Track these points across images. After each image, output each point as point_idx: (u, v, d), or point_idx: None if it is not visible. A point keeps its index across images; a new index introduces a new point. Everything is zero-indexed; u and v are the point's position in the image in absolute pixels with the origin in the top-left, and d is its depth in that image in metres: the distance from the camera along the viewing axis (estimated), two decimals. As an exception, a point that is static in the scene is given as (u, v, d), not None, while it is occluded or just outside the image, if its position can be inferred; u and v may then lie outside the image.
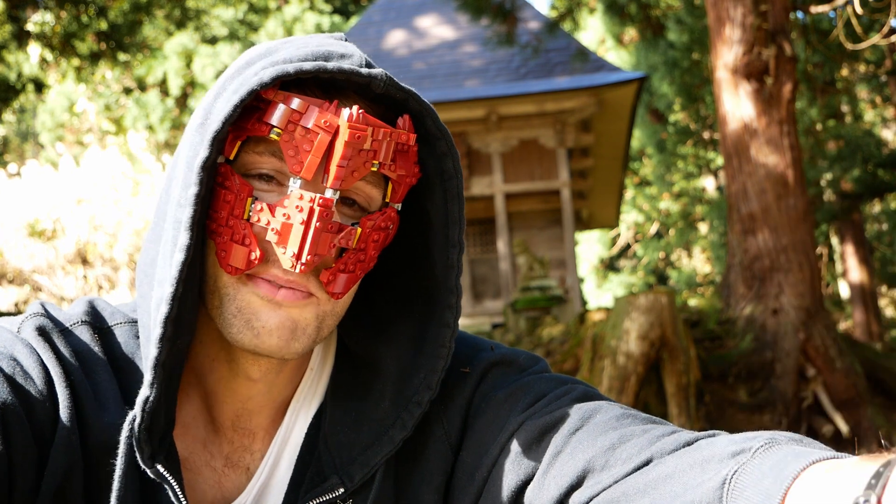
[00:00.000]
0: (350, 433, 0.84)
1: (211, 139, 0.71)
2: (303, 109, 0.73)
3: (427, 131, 0.81)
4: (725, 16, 7.40)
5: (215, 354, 0.83)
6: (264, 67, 0.74)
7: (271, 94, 0.73)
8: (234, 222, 0.74)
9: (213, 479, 0.84)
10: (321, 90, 0.77)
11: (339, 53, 0.77)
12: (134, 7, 10.01)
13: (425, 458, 0.85)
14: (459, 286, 0.84)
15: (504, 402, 0.82)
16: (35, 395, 0.72)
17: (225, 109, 0.71)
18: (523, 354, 0.90)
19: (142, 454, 0.72)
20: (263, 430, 0.86)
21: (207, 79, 17.88)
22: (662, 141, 16.80)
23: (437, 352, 0.83)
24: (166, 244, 0.74)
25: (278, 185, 0.76)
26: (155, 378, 0.71)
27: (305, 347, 0.78)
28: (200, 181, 0.71)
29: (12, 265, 7.78)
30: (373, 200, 0.80)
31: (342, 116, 0.73)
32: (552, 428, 0.75)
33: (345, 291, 0.79)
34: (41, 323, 0.78)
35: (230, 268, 0.75)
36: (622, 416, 0.73)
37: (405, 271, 0.88)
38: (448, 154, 0.81)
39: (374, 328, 0.88)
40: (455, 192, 0.82)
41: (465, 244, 0.86)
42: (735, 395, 6.66)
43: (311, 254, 0.72)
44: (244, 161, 0.76)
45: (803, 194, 7.31)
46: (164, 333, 0.70)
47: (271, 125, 0.73)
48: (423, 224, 0.85)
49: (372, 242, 0.79)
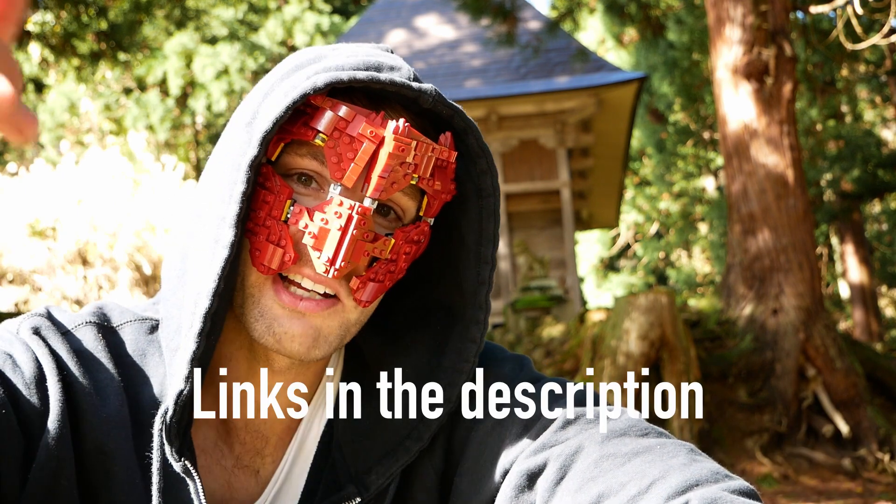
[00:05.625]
0: (365, 441, 0.84)
1: (261, 139, 0.71)
2: (349, 118, 0.74)
3: (469, 148, 0.82)
4: (725, 16, 7.40)
5: (234, 352, 0.83)
6: (316, 72, 0.75)
7: (319, 101, 0.74)
8: (272, 223, 0.75)
9: (222, 478, 0.85)
10: (368, 100, 0.77)
11: (389, 65, 0.78)
12: (134, 7, 10.02)
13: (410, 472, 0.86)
14: (489, 302, 0.84)
15: (493, 432, 0.81)
16: (23, 387, 0.72)
17: (275, 110, 0.72)
18: (507, 364, 0.88)
19: (171, 447, 0.73)
20: (277, 436, 0.86)
21: (207, 79, 17.88)
22: (662, 141, 16.80)
23: (460, 366, 0.83)
24: (205, 240, 0.74)
25: (316, 189, 0.77)
26: (191, 372, 0.72)
27: (327, 353, 0.79)
28: (248, 179, 0.72)
29: (12, 265, 7.79)
30: (407, 212, 0.81)
31: (388, 128, 0.74)
32: (540, 473, 0.75)
33: (372, 300, 0.79)
34: (38, 323, 0.78)
35: (263, 267, 0.75)
36: (602, 458, 0.71)
37: (426, 285, 0.89)
38: (487, 172, 0.82)
39: (391, 337, 0.88)
40: (492, 210, 0.83)
41: (497, 261, 0.86)
42: (735, 395, 6.66)
43: (346, 260, 0.73)
44: (284, 162, 0.77)
45: (803, 194, 7.31)
46: (203, 328, 0.71)
47: (317, 130, 0.74)
48: (452, 239, 0.85)
49: (403, 254, 0.80)
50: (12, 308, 7.63)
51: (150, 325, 0.83)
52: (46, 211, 7.97)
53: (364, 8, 20.98)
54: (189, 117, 18.88)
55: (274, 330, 0.76)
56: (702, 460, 0.68)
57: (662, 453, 0.69)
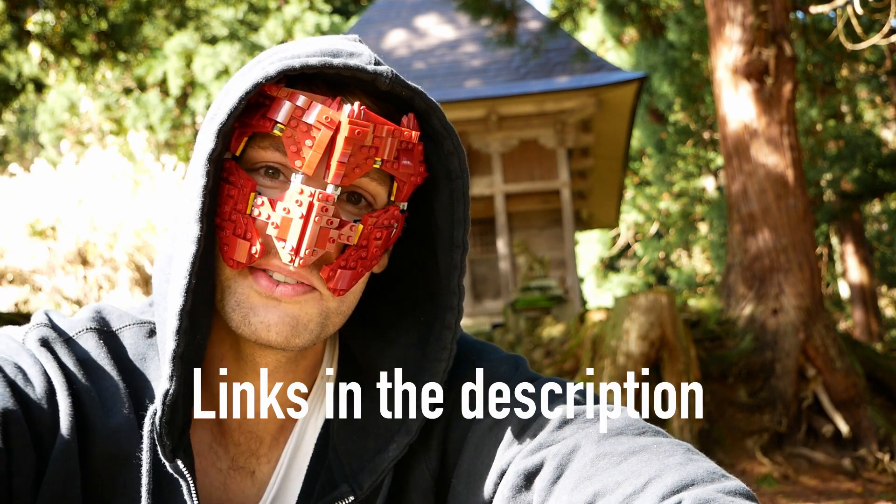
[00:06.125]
0: (358, 440, 0.84)
1: (216, 131, 0.72)
2: (306, 106, 0.73)
3: (433, 130, 0.81)
4: (725, 16, 7.40)
5: (224, 352, 0.83)
6: (271, 63, 0.75)
7: (276, 91, 0.74)
8: (237, 216, 0.75)
9: (218, 479, 0.84)
10: (328, 87, 0.77)
11: (349, 52, 0.77)
12: (134, 7, 10.01)
13: (404, 474, 0.85)
14: (462, 287, 0.83)
15: (489, 433, 0.81)
16: (36, 402, 0.72)
17: (230, 103, 0.72)
18: (503, 365, 0.87)
19: (163, 448, 0.73)
20: (271, 436, 0.86)
21: (207, 79, 17.87)
22: (662, 141, 16.80)
23: (439, 355, 0.83)
24: (181, 239, 0.75)
25: (283, 182, 0.77)
26: (174, 371, 0.72)
27: (308, 342, 0.78)
28: (207, 173, 0.72)
29: (12, 265, 7.78)
30: (378, 198, 0.80)
31: (343, 112, 0.73)
32: (537, 472, 0.74)
33: (347, 288, 0.79)
34: (44, 334, 0.78)
35: (232, 261, 0.76)
36: (598, 457, 0.70)
37: (409, 274, 0.88)
38: (454, 153, 0.81)
39: (377, 331, 0.88)
40: (461, 192, 0.82)
41: (469, 245, 0.85)
42: (735, 395, 6.66)
43: (310, 248, 0.72)
44: (249, 156, 0.77)
45: (803, 194, 7.31)
46: (179, 326, 0.71)
47: (275, 121, 0.73)
48: (430, 225, 0.85)
49: (374, 240, 0.79)
50: (12, 308, 7.63)
51: (148, 329, 0.83)
52: (46, 211, 7.97)
53: (364, 8, 20.98)
54: (189, 117, 18.88)
55: (250, 319, 0.76)
56: (698, 460, 0.68)
57: (658, 452, 0.69)
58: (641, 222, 21.69)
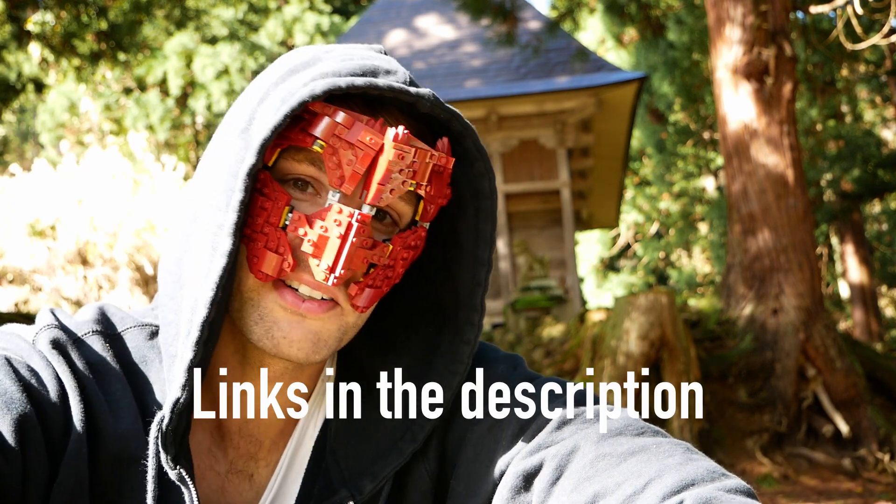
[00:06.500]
0: (358, 445, 0.84)
1: (259, 147, 0.71)
2: (348, 125, 0.73)
3: (466, 151, 0.81)
4: (725, 16, 7.40)
5: (228, 356, 0.83)
6: (313, 78, 0.75)
7: (317, 107, 0.74)
8: (270, 230, 0.75)
9: (216, 483, 0.84)
10: (365, 104, 0.77)
11: (385, 69, 0.77)
12: (134, 7, 10.01)
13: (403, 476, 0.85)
14: (484, 304, 0.84)
15: (488, 434, 0.81)
16: (49, 406, 0.72)
17: (274, 118, 0.71)
18: (502, 364, 0.88)
19: (167, 455, 0.73)
20: (270, 440, 0.86)
21: (207, 79, 17.87)
22: (662, 141, 16.81)
23: (454, 367, 0.83)
24: (201, 246, 0.74)
25: (313, 195, 0.77)
26: (188, 381, 0.72)
27: (326, 356, 0.79)
28: (246, 188, 0.71)
29: (12, 265, 7.78)
30: (403, 217, 0.81)
31: (387, 135, 0.73)
32: (536, 473, 0.75)
33: (369, 305, 0.79)
34: (55, 335, 0.78)
35: (261, 274, 0.75)
36: (598, 457, 0.70)
37: (420, 287, 0.89)
38: (485, 175, 0.82)
39: (383, 339, 0.88)
40: (489, 213, 0.83)
41: (493, 263, 0.86)
42: (735, 395, 6.66)
43: (345, 268, 0.72)
44: (281, 167, 0.76)
45: (803, 194, 7.31)
46: (200, 337, 0.71)
47: (315, 137, 0.73)
48: (447, 241, 0.85)
49: (401, 260, 0.80)
50: (12, 308, 7.63)
51: (150, 331, 0.83)
52: (46, 211, 7.97)
53: (364, 8, 20.99)
54: (189, 117, 18.88)
55: (273, 334, 0.76)
56: (698, 459, 0.68)
57: (658, 452, 0.69)
58: (641, 222, 21.69)
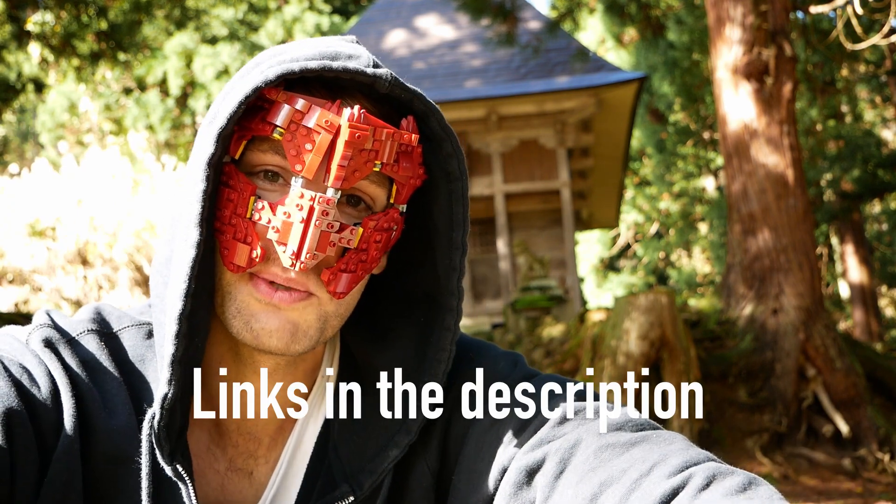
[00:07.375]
0: (359, 440, 0.84)
1: (216, 136, 0.72)
2: (306, 109, 0.73)
3: (432, 132, 0.81)
4: (725, 16, 7.40)
5: (223, 354, 0.83)
6: (270, 66, 0.75)
7: (275, 94, 0.74)
8: (237, 220, 0.75)
9: (215, 481, 0.85)
10: (327, 90, 0.77)
11: (347, 54, 0.77)
12: (134, 7, 10.01)
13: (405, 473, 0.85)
14: (461, 289, 0.83)
15: (490, 430, 0.81)
16: (40, 403, 0.72)
17: (230, 107, 0.72)
18: (502, 362, 0.88)
19: (162, 452, 0.73)
20: (269, 437, 0.86)
21: (207, 79, 17.87)
22: (662, 141, 16.81)
23: (438, 356, 0.83)
24: (179, 242, 0.75)
25: (283, 185, 0.77)
26: (172, 375, 0.72)
27: (307, 347, 0.78)
28: (207, 178, 0.72)
29: (12, 265, 7.78)
30: (377, 200, 0.80)
31: (343, 116, 0.73)
32: (538, 469, 0.75)
33: (347, 291, 0.79)
34: (48, 334, 0.78)
35: (233, 266, 0.76)
36: (601, 448, 0.71)
37: (408, 275, 0.88)
38: (453, 155, 0.81)
39: (377, 333, 0.88)
40: (460, 194, 0.82)
41: (468, 246, 0.85)
42: (735, 395, 6.66)
43: (310, 252, 0.72)
44: (248, 160, 0.77)
45: (803, 194, 7.31)
46: (178, 330, 0.71)
47: (274, 125, 0.73)
48: (429, 227, 0.85)
49: (374, 243, 0.79)
50: (12, 308, 7.63)
51: (146, 331, 0.84)
52: (46, 211, 7.97)
53: (364, 8, 20.98)
54: (189, 117, 18.88)
55: (251, 326, 0.76)
56: (697, 448, 0.70)
57: (660, 441, 0.70)
58: (641, 222, 21.69)
